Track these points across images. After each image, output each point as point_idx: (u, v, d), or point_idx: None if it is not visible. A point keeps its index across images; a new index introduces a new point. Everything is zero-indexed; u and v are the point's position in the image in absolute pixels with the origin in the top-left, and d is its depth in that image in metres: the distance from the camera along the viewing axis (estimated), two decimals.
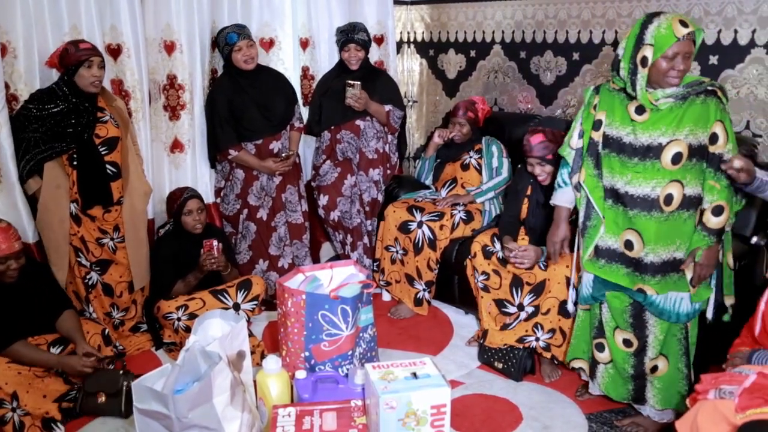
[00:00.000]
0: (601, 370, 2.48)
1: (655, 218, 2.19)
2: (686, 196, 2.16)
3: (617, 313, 2.37)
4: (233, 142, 3.31)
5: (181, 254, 3.00)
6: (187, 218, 3.00)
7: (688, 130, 2.12)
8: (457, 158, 3.58)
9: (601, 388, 2.50)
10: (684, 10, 3.08)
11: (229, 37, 3.23)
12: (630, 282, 2.28)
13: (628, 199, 2.22)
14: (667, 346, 2.33)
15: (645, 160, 2.18)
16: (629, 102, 2.23)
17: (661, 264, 2.21)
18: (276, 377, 1.83)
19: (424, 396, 1.58)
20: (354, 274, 2.16)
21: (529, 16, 3.82)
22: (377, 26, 4.13)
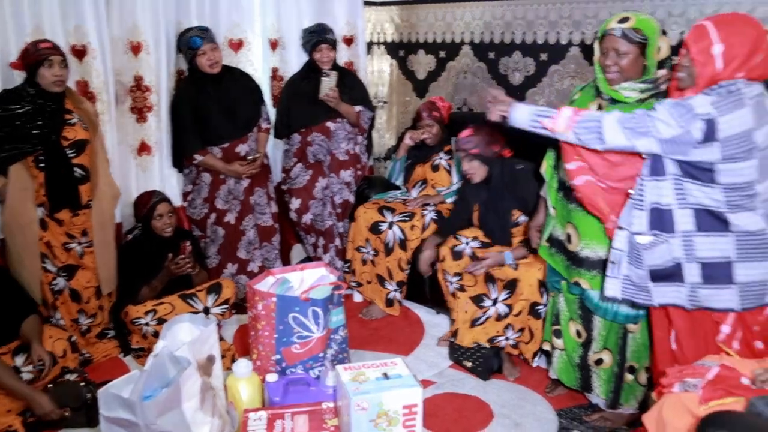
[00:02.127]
0: (557, 356, 2.58)
1: (591, 214, 2.24)
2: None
3: (569, 304, 2.47)
4: (198, 147, 3.27)
5: (150, 259, 2.96)
6: (157, 222, 2.97)
7: None
8: (427, 159, 3.59)
9: (555, 373, 2.60)
10: (648, 11, 3.13)
11: (193, 41, 3.18)
12: (568, 274, 2.38)
13: (570, 193, 2.29)
14: (610, 341, 2.40)
15: None
16: (593, 100, 2.27)
17: (596, 260, 2.27)
18: (246, 381, 1.81)
19: (395, 396, 1.59)
20: (325, 275, 2.16)
21: (497, 17, 3.86)
22: (347, 27, 4.13)
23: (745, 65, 1.82)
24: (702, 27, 1.85)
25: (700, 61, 1.83)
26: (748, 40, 1.80)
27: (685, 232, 1.94)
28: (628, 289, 2.05)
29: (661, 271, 1.99)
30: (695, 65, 1.85)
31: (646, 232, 1.98)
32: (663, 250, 1.97)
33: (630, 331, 2.36)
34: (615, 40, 2.13)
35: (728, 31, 1.81)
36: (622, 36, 2.11)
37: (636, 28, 2.11)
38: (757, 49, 1.81)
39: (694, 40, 1.85)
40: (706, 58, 1.82)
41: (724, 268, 1.94)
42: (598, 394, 2.50)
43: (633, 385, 2.41)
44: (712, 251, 1.94)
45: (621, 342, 2.38)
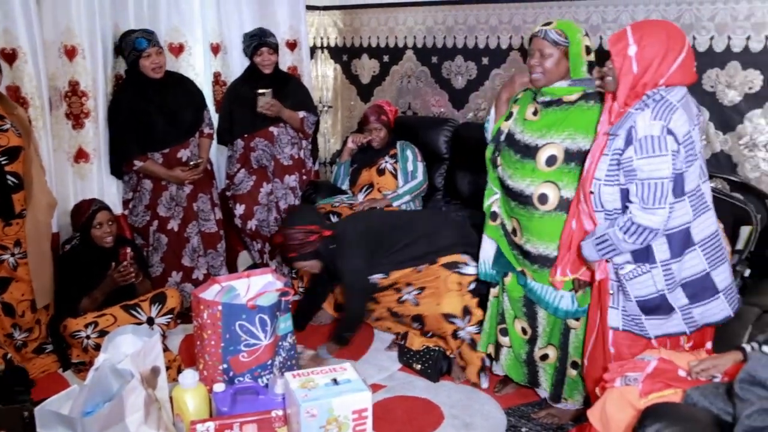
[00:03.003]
0: (504, 353, 2.64)
1: (531, 213, 2.31)
2: (563, 199, 2.25)
3: (514, 303, 2.53)
4: (138, 153, 3.19)
5: (89, 269, 2.87)
6: (97, 231, 2.88)
7: (567, 134, 2.22)
8: (372, 163, 3.60)
9: (503, 369, 2.66)
10: (583, 17, 3.23)
11: (138, 42, 3.10)
12: (516, 263, 2.46)
13: (510, 191, 2.37)
14: (554, 337, 2.48)
15: (523, 159, 2.30)
16: (531, 102, 2.34)
17: (538, 255, 2.34)
18: (193, 392, 1.77)
19: (345, 401, 1.58)
20: (271, 282, 2.14)
21: (439, 21, 3.91)
22: (290, 31, 4.11)
23: (662, 70, 1.87)
24: (622, 30, 1.93)
25: (618, 62, 1.90)
26: (660, 42, 1.87)
27: (662, 261, 1.97)
28: (626, 321, 2.08)
29: (649, 302, 2.01)
30: (616, 67, 1.91)
31: (623, 263, 2.02)
32: (646, 280, 1.99)
33: (572, 327, 2.42)
34: (539, 42, 2.22)
35: (642, 34, 1.88)
36: (545, 38, 2.21)
37: (558, 30, 2.20)
38: (669, 52, 1.87)
39: (613, 42, 1.93)
40: (622, 59, 1.89)
41: (704, 281, 2.00)
42: (545, 389, 2.56)
43: (577, 380, 2.47)
44: (690, 270, 1.99)
45: (563, 338, 2.45)
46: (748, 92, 2.84)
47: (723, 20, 2.84)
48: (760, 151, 2.85)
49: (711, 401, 1.64)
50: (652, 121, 1.86)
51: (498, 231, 2.53)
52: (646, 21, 2.02)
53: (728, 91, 2.88)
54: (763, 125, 2.83)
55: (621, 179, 1.95)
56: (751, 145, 2.87)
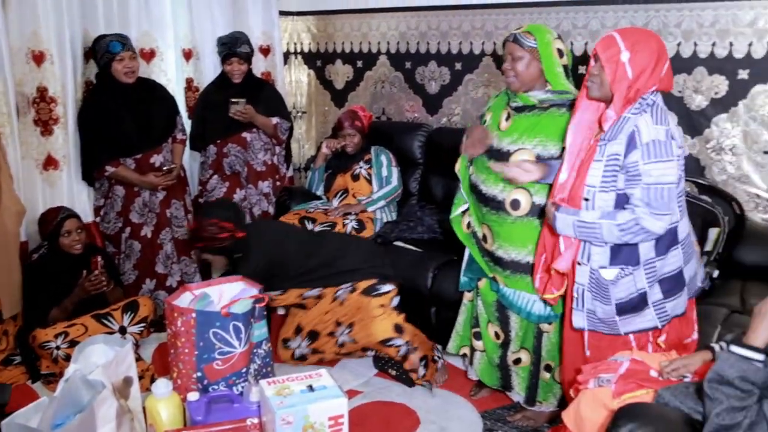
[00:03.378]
0: (478, 357, 2.65)
1: (503, 219, 2.33)
2: (535, 204, 2.28)
3: (487, 307, 2.54)
4: (110, 158, 3.15)
5: (58, 278, 2.82)
6: (65, 239, 2.83)
7: (538, 141, 2.25)
8: (347, 169, 3.60)
9: (477, 374, 2.67)
10: (554, 24, 3.28)
11: (112, 45, 3.07)
12: (488, 269, 2.47)
13: (482, 197, 2.38)
14: (527, 341, 2.49)
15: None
16: (504, 108, 2.37)
17: (509, 261, 2.36)
18: (166, 401, 1.75)
19: (320, 408, 1.58)
20: (245, 289, 2.12)
21: (412, 27, 3.93)
22: (263, 37, 4.10)
23: (655, 75, 1.90)
24: (610, 36, 1.93)
25: (610, 68, 1.89)
26: (652, 49, 1.90)
27: (647, 260, 1.98)
28: (593, 322, 2.08)
29: (627, 303, 2.01)
30: (607, 73, 1.91)
31: (608, 266, 2.00)
32: (628, 282, 1.99)
33: (544, 331, 2.44)
34: (510, 45, 2.27)
35: (634, 40, 1.90)
36: (514, 41, 2.26)
37: (526, 33, 2.24)
38: (660, 58, 1.90)
39: (603, 48, 1.91)
40: (615, 65, 1.89)
41: (678, 277, 2.03)
42: (518, 392, 2.57)
43: (551, 383, 2.49)
44: (670, 266, 2.01)
45: (536, 342, 2.47)
46: (715, 97, 2.90)
47: (689, 27, 2.90)
48: (726, 154, 2.91)
49: (681, 401, 1.67)
50: (655, 126, 1.87)
51: (470, 238, 2.54)
52: (632, 28, 2.05)
53: (695, 96, 2.95)
54: (729, 129, 2.89)
55: (619, 184, 1.94)
56: (718, 148, 2.93)
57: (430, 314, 3.10)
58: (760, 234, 2.76)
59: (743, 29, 2.78)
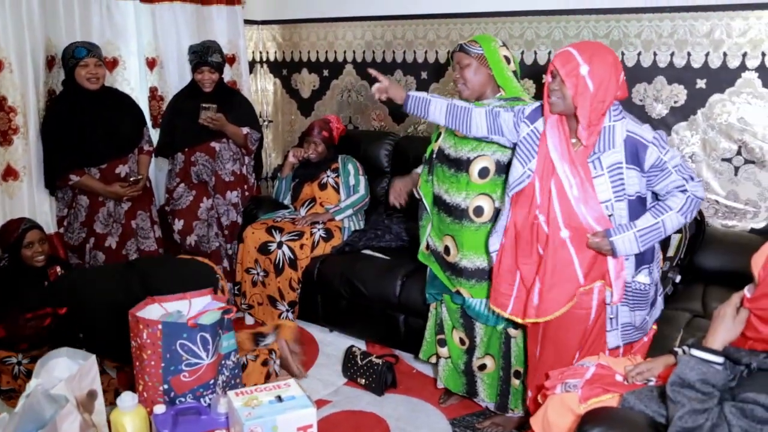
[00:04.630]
0: (442, 364, 2.67)
1: (467, 227, 2.36)
2: (498, 210, 2.30)
3: (452, 314, 2.57)
4: (73, 167, 3.10)
5: (20, 290, 2.75)
6: (27, 251, 2.77)
7: (496, 147, 2.28)
8: (314, 178, 3.59)
9: (442, 381, 2.69)
10: (518, 32, 3.33)
11: (78, 51, 3.03)
12: (450, 284, 2.49)
13: (446, 207, 2.41)
14: (492, 347, 2.52)
15: (457, 173, 2.36)
16: None
17: (474, 270, 2.38)
18: (132, 414, 1.72)
19: (289, 419, 1.57)
20: (211, 303, 2.10)
21: (378, 36, 3.95)
22: (228, 45, 4.08)
23: (613, 86, 1.93)
24: (567, 52, 1.96)
25: (571, 82, 1.92)
26: (607, 61, 1.94)
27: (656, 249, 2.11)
28: (628, 334, 2.10)
29: (653, 298, 2.12)
30: (568, 87, 1.93)
31: (637, 273, 2.05)
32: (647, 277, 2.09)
33: (512, 336, 2.47)
34: (458, 54, 2.35)
35: (590, 53, 1.93)
36: (461, 50, 2.34)
37: (472, 41, 2.33)
38: (617, 69, 1.95)
39: (562, 64, 1.94)
40: (576, 78, 1.91)
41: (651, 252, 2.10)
42: (484, 398, 2.59)
43: (520, 390, 2.51)
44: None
45: (504, 347, 2.49)
46: (674, 105, 2.98)
47: (649, 37, 2.98)
48: (686, 162, 2.98)
49: (646, 404, 1.69)
50: (641, 126, 1.98)
51: (430, 257, 2.57)
52: (585, 42, 2.08)
53: (656, 104, 3.02)
54: (688, 137, 2.97)
55: (629, 191, 1.97)
56: None
57: (399, 322, 3.10)
58: (720, 239, 2.83)
59: (700, 39, 2.87)
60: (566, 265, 2.03)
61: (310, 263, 3.33)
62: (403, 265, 3.12)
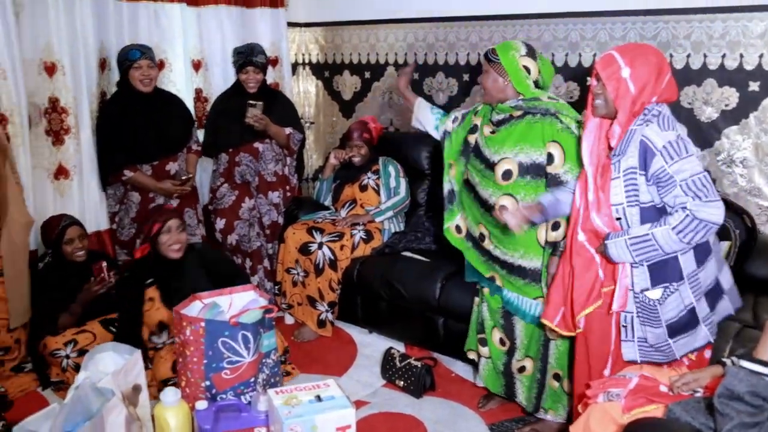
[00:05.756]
0: (483, 364, 2.68)
1: (495, 223, 2.39)
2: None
3: (492, 313, 2.58)
4: (127, 163, 3.18)
5: (64, 285, 2.82)
6: (68, 247, 2.84)
7: (519, 149, 2.31)
8: (355, 179, 3.61)
9: (482, 381, 2.69)
10: (562, 35, 3.29)
11: (132, 53, 3.12)
12: (485, 269, 2.53)
13: (479, 198, 2.47)
14: (531, 349, 2.50)
15: (486, 171, 2.41)
16: (488, 122, 2.47)
17: (504, 262, 2.43)
18: (175, 409, 1.76)
19: (328, 418, 1.58)
20: (255, 299, 2.13)
21: (420, 38, 3.94)
22: (271, 48, 4.12)
23: (657, 88, 1.92)
24: (609, 55, 1.96)
25: (612, 85, 1.92)
26: (650, 62, 1.93)
27: (690, 273, 1.98)
28: (645, 351, 2.05)
29: (677, 322, 1.99)
30: (609, 91, 1.93)
31: (651, 287, 1.99)
32: (675, 300, 1.98)
33: (551, 339, 2.44)
34: (483, 60, 2.42)
35: (632, 56, 1.93)
36: (484, 57, 2.41)
37: (492, 50, 2.37)
38: (661, 72, 1.93)
39: (603, 67, 1.95)
40: (617, 81, 1.91)
41: (716, 286, 2.05)
42: (521, 400, 2.59)
43: (559, 393, 2.48)
44: (709, 277, 2.02)
45: (543, 349, 2.47)
46: (725, 109, 2.90)
47: (699, 38, 2.90)
48: (737, 167, 2.90)
49: (693, 416, 1.65)
50: (664, 132, 1.90)
51: (463, 242, 2.61)
52: (629, 44, 2.09)
53: (705, 107, 2.94)
54: (739, 141, 2.88)
55: (642, 198, 1.94)
56: (729, 161, 2.92)
57: (438, 325, 3.09)
58: None
59: (754, 41, 2.78)
60: (588, 261, 2.07)
61: (350, 264, 3.35)
62: (443, 267, 3.11)
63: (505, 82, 2.35)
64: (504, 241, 2.41)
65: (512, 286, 2.43)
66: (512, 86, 2.35)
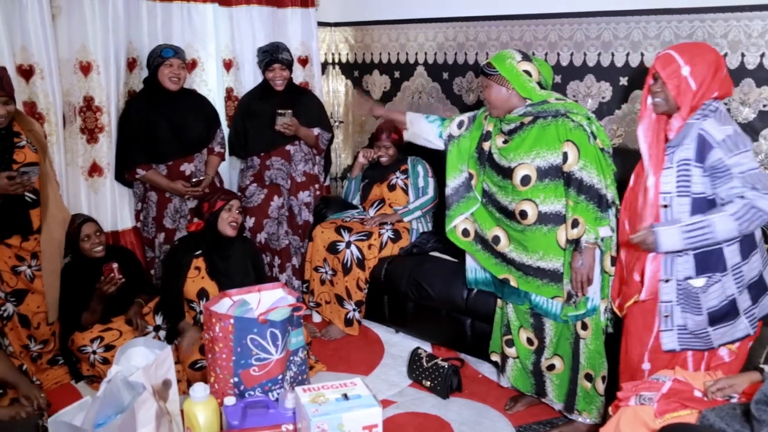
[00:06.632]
0: (510, 364, 2.67)
1: (515, 226, 2.41)
2: (542, 213, 2.34)
3: (520, 314, 2.56)
4: (141, 161, 3.21)
5: (87, 282, 2.85)
6: (85, 244, 2.88)
7: (535, 153, 2.31)
8: (383, 179, 3.61)
9: (510, 381, 2.69)
10: (594, 34, 3.24)
11: (165, 51, 3.17)
12: (497, 270, 2.52)
13: (497, 205, 2.47)
14: (561, 348, 2.49)
15: (503, 180, 2.41)
16: (498, 132, 2.46)
17: (521, 264, 2.42)
18: (204, 405, 1.77)
19: (355, 417, 1.58)
20: (283, 297, 2.14)
21: (450, 38, 3.92)
22: (301, 47, 4.14)
23: (715, 84, 1.97)
24: (667, 54, 2.01)
25: (674, 83, 1.97)
26: (710, 60, 1.98)
27: (734, 266, 2.01)
28: (684, 339, 2.08)
29: (718, 311, 2.03)
30: (670, 89, 1.98)
31: (695, 276, 2.02)
32: (717, 289, 2.02)
33: (581, 338, 2.42)
34: (480, 77, 2.41)
35: (690, 55, 1.98)
36: (481, 73, 2.41)
37: (488, 63, 2.37)
38: (718, 68, 1.98)
39: (663, 66, 2.00)
40: (678, 80, 1.97)
41: (760, 281, 2.06)
42: (552, 399, 2.57)
43: (592, 394, 2.45)
44: (753, 271, 2.04)
45: (573, 348, 2.45)
46: (763, 110, 2.83)
47: (736, 37, 2.84)
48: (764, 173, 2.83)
49: (727, 422, 1.61)
50: (721, 126, 1.94)
51: (472, 245, 2.61)
52: (684, 44, 2.16)
53: (743, 108, 2.87)
54: None
55: (694, 188, 1.98)
56: (767, 162, 2.85)
57: (465, 326, 3.08)
58: None
59: None
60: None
61: (378, 264, 3.35)
62: None
63: (509, 92, 2.34)
64: (524, 244, 2.41)
65: (529, 286, 2.43)
66: (517, 93, 2.34)
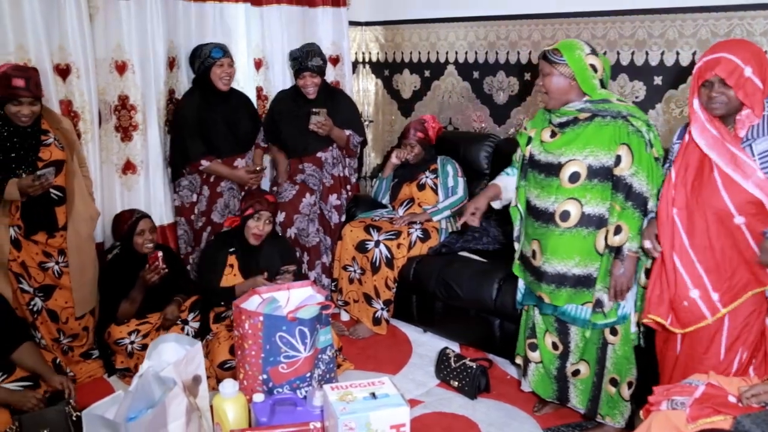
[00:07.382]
0: (532, 369, 2.60)
1: (552, 231, 2.31)
2: (585, 215, 2.25)
3: (546, 318, 2.50)
4: (205, 153, 3.29)
5: (132, 276, 2.92)
6: (139, 239, 2.94)
7: (588, 151, 2.22)
8: (413, 178, 3.60)
9: (531, 386, 2.62)
10: (629, 32, 3.19)
11: (215, 51, 3.23)
12: (533, 288, 2.45)
13: (535, 211, 2.37)
14: (587, 353, 2.43)
15: (548, 177, 2.31)
16: (546, 126, 2.38)
17: (554, 275, 2.33)
18: (233, 401, 1.79)
19: (383, 416, 1.57)
20: (312, 295, 2.14)
21: (481, 37, 3.90)
22: (332, 47, 4.16)
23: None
24: (725, 59, 1.92)
25: (741, 86, 1.90)
26: (761, 55, 1.94)
27: None
28: None
29: None
30: (738, 92, 1.91)
31: None
32: None
33: (609, 343, 2.38)
34: (541, 62, 2.29)
35: (743, 55, 1.92)
36: (544, 58, 2.26)
37: (554, 50, 2.23)
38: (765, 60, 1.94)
39: (728, 73, 1.92)
40: (744, 81, 1.90)
41: None
42: (575, 404, 2.52)
43: (616, 399, 2.42)
44: None
45: (600, 353, 2.41)
46: None
47: None
48: None
49: (763, 429, 1.58)
50: None
51: (519, 268, 2.55)
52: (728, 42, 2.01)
53: None
54: None
55: None
56: None
57: (494, 326, 3.06)
58: None
59: None
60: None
61: (407, 263, 3.35)
62: (501, 268, 3.07)
63: (571, 83, 2.23)
64: (558, 250, 2.31)
65: (560, 299, 2.35)
66: (578, 87, 2.23)
